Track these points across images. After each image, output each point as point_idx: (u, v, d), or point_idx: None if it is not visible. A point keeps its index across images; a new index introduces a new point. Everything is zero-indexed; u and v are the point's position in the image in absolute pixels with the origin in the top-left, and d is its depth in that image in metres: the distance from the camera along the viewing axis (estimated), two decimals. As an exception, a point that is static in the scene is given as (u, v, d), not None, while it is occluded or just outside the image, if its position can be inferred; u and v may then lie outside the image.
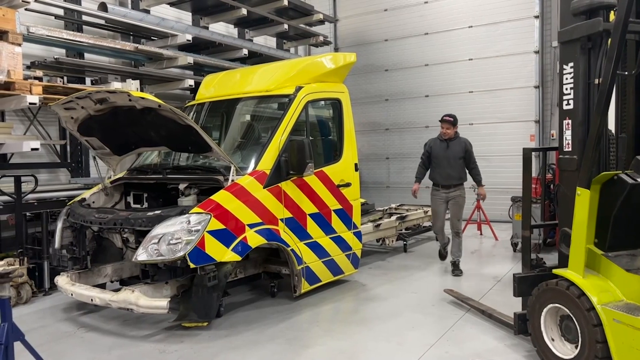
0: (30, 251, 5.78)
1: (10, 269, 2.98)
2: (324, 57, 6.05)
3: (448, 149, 6.40)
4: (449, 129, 6.38)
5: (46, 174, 7.50)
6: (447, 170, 6.35)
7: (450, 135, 6.40)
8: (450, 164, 6.34)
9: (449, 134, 6.39)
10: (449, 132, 6.38)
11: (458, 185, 6.39)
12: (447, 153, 6.37)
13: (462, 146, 6.39)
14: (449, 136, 6.40)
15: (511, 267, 6.69)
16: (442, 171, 6.40)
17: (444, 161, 6.37)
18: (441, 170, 6.40)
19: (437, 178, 6.47)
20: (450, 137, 6.41)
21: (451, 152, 6.37)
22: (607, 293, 3.27)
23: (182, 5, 8.96)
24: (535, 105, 10.53)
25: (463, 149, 6.37)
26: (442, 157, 6.39)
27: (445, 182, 6.39)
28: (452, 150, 6.38)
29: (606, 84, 3.23)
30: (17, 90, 5.48)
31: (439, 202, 6.49)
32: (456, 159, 6.35)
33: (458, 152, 6.36)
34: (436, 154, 6.46)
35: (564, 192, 3.82)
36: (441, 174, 6.42)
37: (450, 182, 6.37)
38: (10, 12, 5.47)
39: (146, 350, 4.18)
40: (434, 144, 6.54)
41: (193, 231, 4.21)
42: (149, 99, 4.35)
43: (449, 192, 6.39)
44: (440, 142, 6.47)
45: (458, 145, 6.41)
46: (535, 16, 10.42)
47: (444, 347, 4.12)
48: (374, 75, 12.44)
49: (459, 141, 6.46)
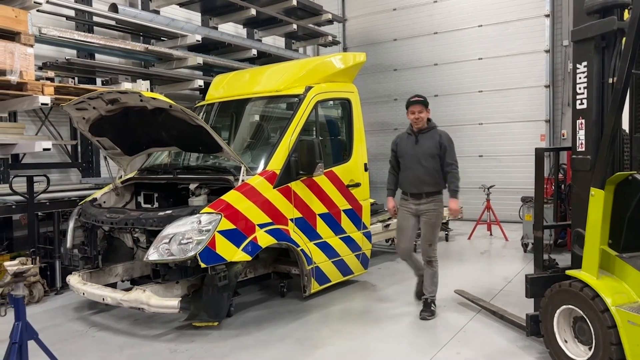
0: (42, 250, 5.83)
1: (24, 268, 3.00)
2: (333, 57, 6.04)
3: (417, 144, 4.81)
4: (421, 112, 4.79)
5: (57, 174, 7.57)
6: (417, 173, 4.77)
7: (421, 124, 4.83)
8: (420, 164, 4.75)
9: (420, 121, 4.81)
10: (421, 118, 4.80)
11: (432, 195, 4.77)
12: (416, 150, 4.80)
13: (435, 140, 4.76)
14: (419, 126, 4.83)
15: (522, 268, 6.64)
16: (409, 174, 4.84)
17: (412, 161, 4.81)
18: (408, 173, 4.85)
19: (405, 184, 4.91)
20: (421, 128, 4.84)
21: (421, 148, 4.78)
22: (622, 294, 3.23)
23: (192, 6, 9.01)
24: (545, 104, 10.46)
25: (437, 145, 4.74)
26: (409, 156, 4.84)
27: (414, 189, 4.82)
28: (422, 146, 4.78)
29: (621, 83, 3.19)
30: (29, 90, 5.53)
31: (405, 216, 4.90)
32: (427, 158, 4.74)
33: (430, 149, 4.75)
34: (403, 152, 4.91)
35: (577, 192, 3.78)
36: (409, 178, 4.85)
37: (420, 190, 4.78)
38: (23, 13, 5.52)
39: (157, 350, 4.19)
40: (401, 140, 5.01)
41: (204, 231, 4.23)
42: (160, 100, 4.36)
43: (419, 203, 4.79)
44: (408, 137, 4.92)
45: (430, 140, 4.78)
46: (546, 15, 10.35)
47: (455, 348, 4.09)
48: (382, 75, 12.41)
49: (433, 134, 4.82)
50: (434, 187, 4.77)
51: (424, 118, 4.83)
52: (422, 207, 4.79)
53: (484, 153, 11.13)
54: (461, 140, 11.35)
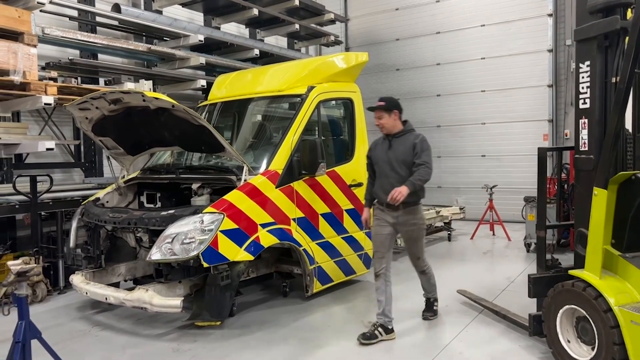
0: (45, 250, 5.84)
1: (28, 267, 3.01)
2: (335, 57, 6.04)
3: (390, 149, 4.37)
4: (381, 118, 4.36)
5: (60, 174, 7.59)
6: (391, 181, 4.29)
7: (389, 128, 4.38)
8: (394, 171, 4.30)
9: (384, 126, 4.38)
10: (383, 124, 4.38)
11: (409, 205, 4.28)
12: (389, 156, 4.35)
13: (409, 145, 4.29)
14: (387, 130, 4.40)
15: (525, 268, 6.63)
16: (384, 182, 4.36)
17: (386, 168, 4.37)
18: (383, 181, 4.39)
19: (379, 193, 4.43)
20: (391, 131, 4.39)
21: (394, 154, 4.33)
22: (625, 294, 3.23)
23: (194, 6, 9.02)
24: (548, 104, 10.44)
25: (411, 149, 4.27)
26: (383, 163, 4.40)
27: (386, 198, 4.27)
28: (395, 151, 4.34)
29: (624, 82, 3.19)
30: (32, 91, 5.55)
31: (381, 227, 4.41)
32: (401, 165, 4.27)
33: (404, 154, 4.28)
34: (377, 159, 4.47)
35: (579, 192, 3.78)
36: (383, 186, 4.35)
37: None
38: (26, 13, 5.54)
39: (160, 349, 4.20)
40: (376, 145, 4.57)
41: (206, 231, 4.23)
42: (163, 99, 4.37)
43: (396, 215, 4.33)
44: (383, 142, 4.49)
45: (404, 145, 4.32)
46: (549, 14, 10.33)
47: (458, 348, 4.09)
48: (385, 74, 12.41)
49: (408, 138, 4.35)
50: (411, 198, 4.18)
51: (388, 124, 4.36)
52: (400, 219, 4.33)
53: (487, 153, 11.12)
54: (464, 140, 11.39)
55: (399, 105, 4.43)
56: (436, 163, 11.68)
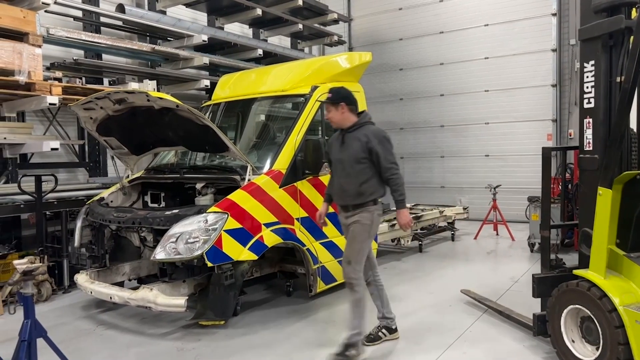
0: (50, 249, 5.87)
1: (33, 266, 3.02)
2: (339, 57, 6.04)
3: (343, 146, 4.00)
4: (329, 112, 4.02)
5: (65, 174, 7.62)
6: (340, 180, 3.99)
7: (338, 123, 4.00)
8: (344, 171, 3.95)
9: (332, 120, 4.03)
10: (331, 119, 4.03)
11: (358, 207, 3.88)
12: (342, 153, 3.99)
13: (361, 141, 3.86)
14: (336, 125, 4.04)
15: (528, 268, 6.62)
16: (335, 182, 4.09)
17: (338, 167, 4.04)
18: (335, 180, 4.11)
19: (332, 193, 4.16)
20: (341, 126, 4.01)
21: (347, 151, 3.95)
22: (630, 294, 3.22)
23: (198, 6, 9.04)
24: (552, 104, 10.41)
25: (363, 147, 3.85)
26: (336, 162, 4.08)
27: (339, 200, 4.05)
28: (347, 148, 3.95)
29: (629, 81, 3.18)
30: (37, 91, 5.57)
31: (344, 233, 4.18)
32: (352, 164, 3.88)
33: (355, 152, 3.88)
34: (332, 156, 4.15)
35: (584, 191, 3.76)
36: (334, 187, 4.09)
37: (344, 202, 3.99)
38: (31, 14, 5.56)
39: (164, 348, 4.21)
40: (333, 141, 4.19)
41: (210, 230, 4.24)
42: (167, 99, 4.38)
43: (347, 216, 3.98)
44: (338, 137, 4.10)
45: (356, 140, 3.89)
46: (553, 14, 10.31)
47: (462, 347, 4.09)
48: (388, 74, 12.40)
49: (360, 133, 3.91)
50: (359, 199, 3.86)
51: (335, 118, 3.98)
52: (349, 219, 3.95)
53: (491, 153, 11.11)
54: (467, 140, 11.38)
55: (349, 97, 3.98)
56: (440, 163, 11.77)
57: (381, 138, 3.89)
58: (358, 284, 3.86)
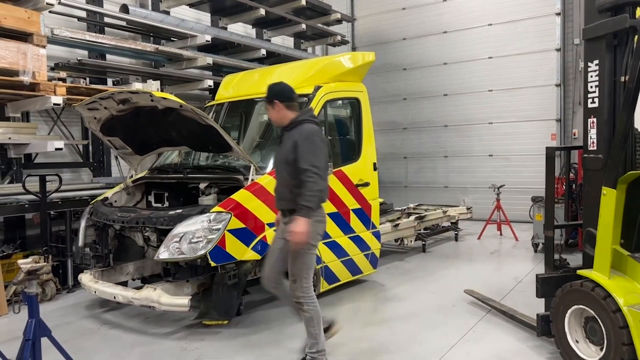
0: (54, 249, 5.89)
1: (38, 266, 3.04)
2: (342, 57, 6.04)
3: (280, 145, 3.71)
4: (267, 110, 3.79)
5: (69, 174, 7.65)
6: (277, 184, 3.72)
7: (277, 122, 3.73)
8: (279, 173, 3.69)
9: (272, 120, 3.78)
10: (271, 118, 3.78)
11: (294, 212, 3.46)
12: (279, 154, 3.72)
13: (293, 140, 3.50)
14: (276, 124, 3.81)
15: (532, 268, 6.60)
16: (275, 185, 3.79)
17: (276, 168, 3.79)
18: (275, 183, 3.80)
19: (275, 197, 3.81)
20: (280, 125, 3.71)
21: (281, 151, 3.65)
22: (634, 294, 3.21)
23: (201, 6, 9.06)
24: (556, 103, 10.38)
25: (292, 147, 3.48)
26: (275, 161, 3.98)
27: (277, 204, 3.76)
28: (282, 148, 3.64)
29: (633, 81, 3.17)
30: (41, 91, 5.60)
31: (276, 238, 3.86)
32: (285, 165, 3.57)
33: (287, 153, 3.54)
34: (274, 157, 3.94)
35: (588, 191, 3.75)
36: (274, 189, 3.80)
37: (280, 205, 3.71)
38: (35, 14, 5.59)
39: (167, 348, 4.22)
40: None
41: (214, 230, 4.25)
42: (171, 100, 4.40)
43: (285, 222, 3.63)
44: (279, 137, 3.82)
45: (289, 140, 3.55)
46: (557, 13, 10.27)
47: (465, 347, 4.08)
48: (391, 74, 12.40)
49: (295, 132, 3.55)
50: (293, 203, 3.49)
51: (273, 117, 3.71)
52: (287, 227, 3.53)
53: (494, 152, 11.08)
54: (471, 140, 11.36)
55: (283, 93, 3.64)
56: (443, 163, 11.75)
57: (308, 136, 3.48)
58: (306, 302, 3.58)
